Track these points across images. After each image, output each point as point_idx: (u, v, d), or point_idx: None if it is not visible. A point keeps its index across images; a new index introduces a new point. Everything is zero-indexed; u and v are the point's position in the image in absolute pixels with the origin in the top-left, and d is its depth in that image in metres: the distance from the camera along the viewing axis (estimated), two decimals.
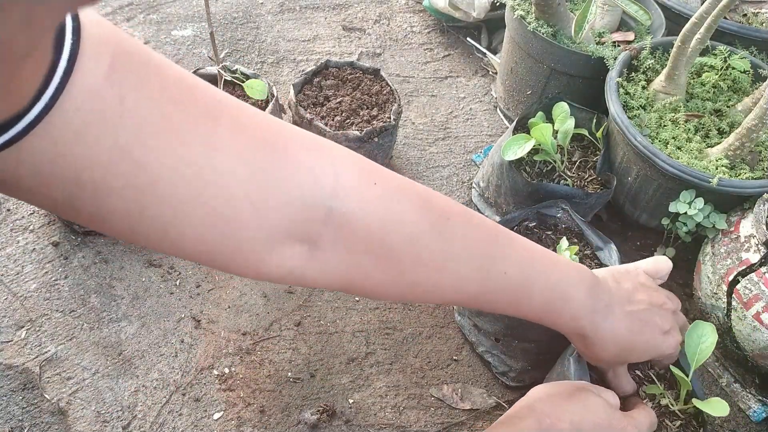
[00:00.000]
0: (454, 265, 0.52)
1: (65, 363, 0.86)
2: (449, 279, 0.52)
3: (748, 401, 0.93)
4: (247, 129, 0.39)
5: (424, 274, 0.50)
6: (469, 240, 0.53)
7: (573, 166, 1.06)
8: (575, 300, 0.59)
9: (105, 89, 0.32)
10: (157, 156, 0.34)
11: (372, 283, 0.48)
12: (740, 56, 1.09)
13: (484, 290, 0.54)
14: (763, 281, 0.82)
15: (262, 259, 0.42)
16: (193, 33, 1.45)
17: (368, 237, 0.45)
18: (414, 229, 0.48)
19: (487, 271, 0.54)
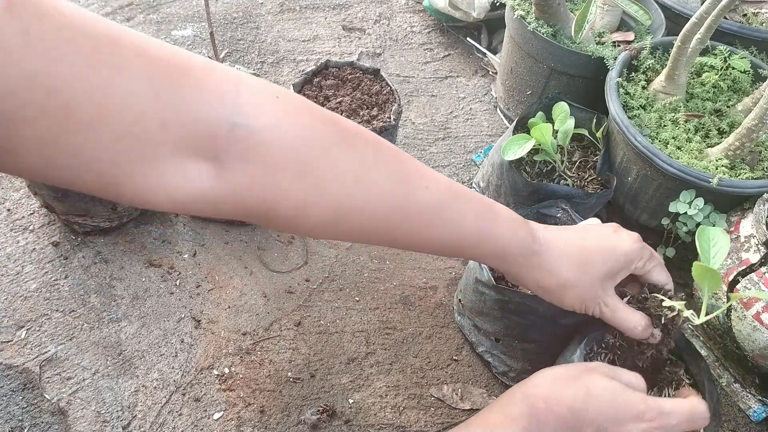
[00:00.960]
0: (373, 176, 0.50)
1: (65, 363, 0.86)
2: (371, 194, 0.50)
3: (748, 401, 0.93)
4: (151, 53, 0.40)
5: (343, 189, 0.48)
6: (382, 154, 0.53)
7: (573, 166, 1.06)
8: (507, 215, 0.60)
9: (6, 23, 0.33)
10: (66, 81, 0.35)
11: (292, 204, 0.47)
12: (740, 56, 1.09)
13: (410, 207, 0.52)
14: (763, 281, 0.82)
15: (167, 175, 0.42)
16: (193, 33, 1.45)
17: (277, 152, 0.45)
18: (324, 141, 0.47)
19: (409, 183, 0.54)
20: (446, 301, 1.01)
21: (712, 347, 0.97)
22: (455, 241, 0.57)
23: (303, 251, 1.04)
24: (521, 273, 0.61)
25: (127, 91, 0.38)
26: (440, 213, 0.56)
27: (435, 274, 1.05)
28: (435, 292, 1.02)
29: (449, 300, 1.01)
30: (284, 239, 1.06)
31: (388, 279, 1.03)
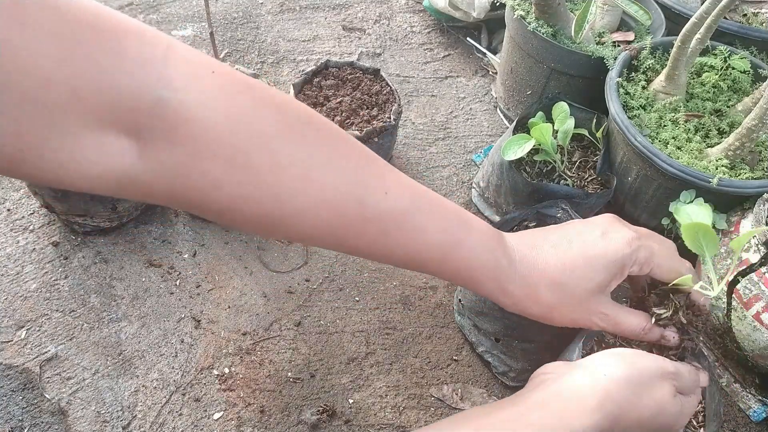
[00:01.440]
0: (321, 175, 0.43)
1: (65, 363, 0.86)
2: (318, 195, 0.43)
3: (748, 401, 0.93)
4: (62, 8, 0.35)
5: (286, 183, 0.42)
6: (338, 150, 0.45)
7: (573, 166, 1.07)
8: (479, 229, 0.53)
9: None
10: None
11: (225, 197, 0.41)
12: (740, 56, 1.09)
13: (365, 214, 0.46)
14: (763, 281, 0.82)
15: (81, 150, 0.36)
16: (193, 33, 1.45)
17: (207, 134, 0.39)
18: (266, 128, 0.41)
19: (366, 186, 0.46)
20: (446, 301, 1.01)
21: (712, 347, 0.97)
22: (415, 255, 0.51)
23: (303, 251, 1.04)
24: (495, 298, 0.56)
25: (29, 50, 0.32)
26: (399, 223, 0.49)
27: None
28: (435, 292, 1.02)
29: (449, 300, 1.01)
30: (284, 239, 1.06)
31: (388, 279, 1.03)
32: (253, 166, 0.40)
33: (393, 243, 0.49)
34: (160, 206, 1.06)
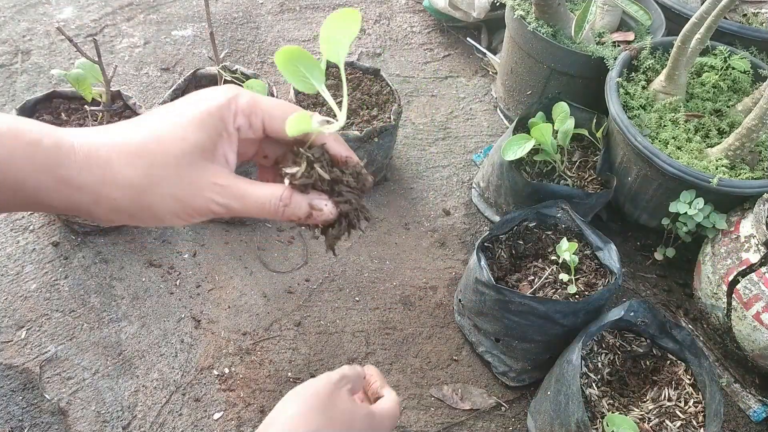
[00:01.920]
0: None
1: (65, 363, 0.86)
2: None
3: (748, 401, 0.93)
4: None
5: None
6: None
7: (573, 166, 1.06)
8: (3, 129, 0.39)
9: None
10: None
11: None
12: (740, 56, 1.09)
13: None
14: (763, 281, 0.82)
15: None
16: (193, 33, 1.45)
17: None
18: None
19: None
20: (446, 301, 1.01)
21: (712, 347, 0.97)
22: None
23: (303, 251, 1.04)
24: (59, 198, 0.41)
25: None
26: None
27: (435, 274, 1.05)
28: (435, 292, 1.02)
29: (449, 300, 1.01)
30: (284, 239, 1.06)
31: (388, 279, 1.03)
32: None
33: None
34: None
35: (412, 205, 1.15)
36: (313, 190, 0.44)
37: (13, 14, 1.42)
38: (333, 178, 0.45)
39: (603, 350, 0.80)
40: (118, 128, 0.42)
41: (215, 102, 0.42)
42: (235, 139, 0.44)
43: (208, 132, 0.42)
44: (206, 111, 0.42)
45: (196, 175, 0.42)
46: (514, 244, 0.94)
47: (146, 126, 0.42)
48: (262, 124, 0.44)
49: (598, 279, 0.89)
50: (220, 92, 0.43)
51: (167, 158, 0.41)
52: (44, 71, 1.29)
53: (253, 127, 0.44)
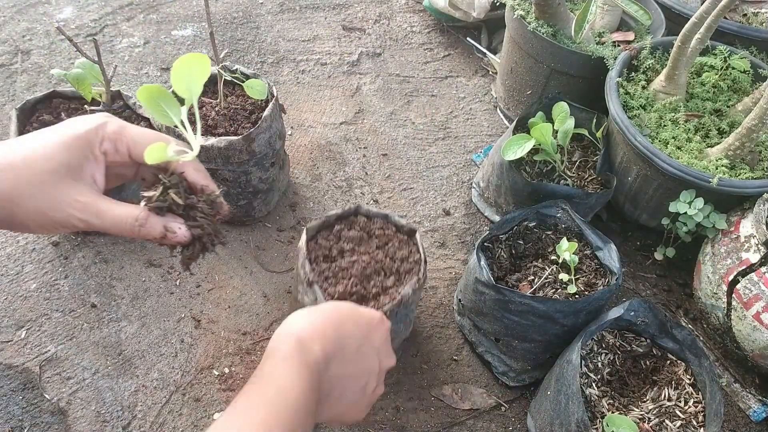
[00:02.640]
0: None
1: (65, 363, 0.86)
2: None
3: (748, 401, 0.93)
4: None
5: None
6: None
7: (573, 166, 1.06)
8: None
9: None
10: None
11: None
12: (740, 56, 1.09)
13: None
14: (763, 281, 0.82)
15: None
16: (193, 33, 1.45)
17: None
18: None
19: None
20: (446, 301, 1.01)
21: (712, 347, 0.98)
22: None
23: None
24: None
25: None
26: None
27: (435, 274, 1.05)
28: (435, 292, 1.02)
29: (449, 300, 1.01)
30: (284, 239, 1.06)
31: None
32: None
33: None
34: None
35: (412, 205, 1.15)
36: (170, 213, 0.48)
37: (13, 14, 1.42)
38: (187, 204, 0.49)
39: (603, 350, 0.80)
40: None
41: (84, 127, 0.47)
42: (102, 162, 0.48)
43: (74, 153, 0.46)
44: (74, 135, 0.46)
45: (60, 192, 0.46)
46: (514, 244, 0.94)
47: (18, 144, 0.46)
48: (127, 150, 0.48)
49: (598, 279, 0.89)
50: (90, 119, 0.48)
51: (33, 175, 0.45)
52: (44, 71, 1.29)
53: (119, 152, 0.48)
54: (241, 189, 0.99)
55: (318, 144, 1.23)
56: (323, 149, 1.23)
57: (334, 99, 1.34)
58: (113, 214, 0.47)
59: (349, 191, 1.16)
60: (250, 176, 0.98)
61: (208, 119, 0.96)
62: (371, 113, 1.32)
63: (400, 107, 1.35)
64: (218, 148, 0.90)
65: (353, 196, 1.15)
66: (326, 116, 1.30)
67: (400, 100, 1.36)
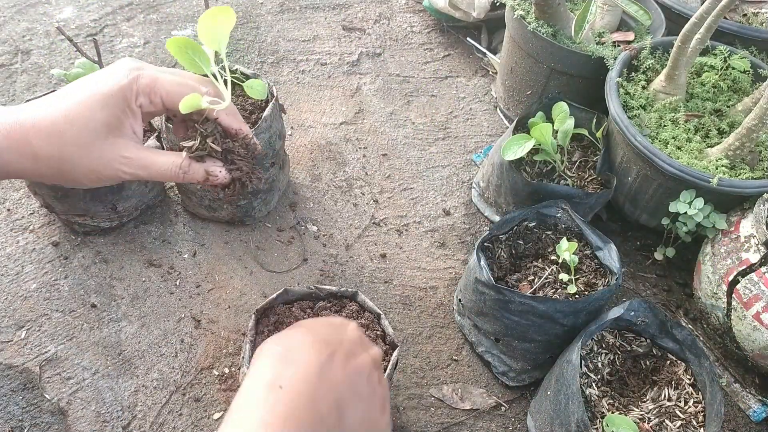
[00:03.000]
0: None
1: (65, 363, 0.86)
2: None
3: (748, 401, 0.93)
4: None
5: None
6: None
7: (573, 166, 1.07)
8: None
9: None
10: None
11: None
12: (740, 56, 1.09)
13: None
14: (763, 281, 0.82)
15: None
16: (193, 33, 1.45)
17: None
18: None
19: None
20: (446, 301, 1.01)
21: (712, 347, 0.98)
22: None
23: (302, 251, 1.04)
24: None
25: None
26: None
27: (435, 274, 1.05)
28: (435, 292, 1.02)
29: (449, 300, 1.01)
30: (284, 239, 1.06)
31: (388, 279, 1.03)
32: None
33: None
34: (160, 206, 1.06)
35: (412, 205, 1.15)
36: (210, 158, 0.52)
37: (13, 14, 1.42)
38: (225, 148, 0.52)
39: (603, 350, 0.80)
40: (34, 106, 0.48)
41: (117, 83, 0.48)
42: (139, 115, 0.50)
43: (112, 110, 0.48)
44: (109, 92, 0.48)
45: (105, 149, 0.48)
46: (514, 244, 0.94)
47: (58, 104, 0.48)
48: (161, 101, 0.50)
49: (598, 279, 0.89)
50: (120, 72, 0.49)
51: (78, 137, 0.47)
52: (44, 71, 1.29)
53: (153, 103, 0.50)
54: None
55: (318, 144, 1.23)
56: (323, 149, 1.23)
57: (334, 99, 1.34)
58: (158, 164, 0.50)
59: (349, 191, 1.16)
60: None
61: None
62: (371, 113, 1.32)
63: (400, 107, 1.35)
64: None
65: (353, 196, 1.15)
66: (326, 116, 1.30)
67: (400, 100, 1.36)
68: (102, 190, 0.92)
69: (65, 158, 0.48)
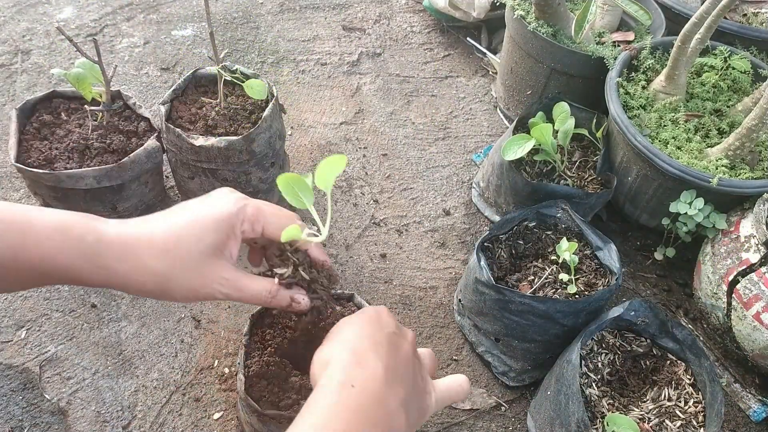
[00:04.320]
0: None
1: (65, 363, 0.86)
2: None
3: (748, 401, 0.93)
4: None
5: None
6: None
7: (573, 166, 1.06)
8: (42, 218, 0.51)
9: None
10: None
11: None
12: (740, 56, 1.09)
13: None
14: (763, 281, 0.82)
15: None
16: (193, 33, 1.45)
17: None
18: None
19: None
20: (446, 301, 1.01)
21: (712, 347, 0.98)
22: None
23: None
24: (98, 279, 0.52)
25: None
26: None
27: (435, 274, 1.05)
28: (435, 292, 1.02)
29: (449, 300, 1.01)
30: None
31: (388, 279, 1.03)
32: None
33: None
34: (160, 206, 1.06)
35: (412, 205, 1.15)
36: (296, 285, 0.56)
37: (13, 14, 1.42)
38: (311, 278, 0.57)
39: (603, 350, 0.80)
40: (147, 223, 0.53)
41: (228, 210, 0.54)
42: (239, 240, 0.55)
43: (220, 235, 0.53)
44: (220, 217, 0.53)
45: (208, 269, 0.53)
46: (514, 244, 0.94)
47: (169, 223, 0.53)
48: (262, 229, 0.56)
49: (598, 279, 0.89)
50: (231, 202, 0.55)
51: (187, 256, 0.52)
52: (44, 71, 1.29)
53: (254, 230, 0.56)
54: (241, 189, 0.98)
55: (318, 144, 1.23)
56: (323, 149, 1.23)
57: (334, 99, 1.34)
58: (251, 288, 0.55)
59: (349, 191, 1.16)
60: (250, 176, 0.98)
61: (208, 119, 0.96)
62: (371, 113, 1.32)
63: (400, 107, 1.35)
64: (218, 148, 0.90)
65: (353, 196, 1.15)
66: (326, 116, 1.30)
67: (400, 100, 1.36)
68: (102, 190, 0.92)
69: (172, 275, 0.52)
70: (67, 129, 0.96)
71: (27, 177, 0.90)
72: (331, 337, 0.52)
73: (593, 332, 0.79)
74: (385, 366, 0.48)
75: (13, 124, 0.93)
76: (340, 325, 0.54)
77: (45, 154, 0.92)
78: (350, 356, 0.48)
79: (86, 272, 0.50)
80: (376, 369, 0.48)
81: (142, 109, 1.00)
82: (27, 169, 0.88)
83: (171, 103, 0.97)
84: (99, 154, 0.94)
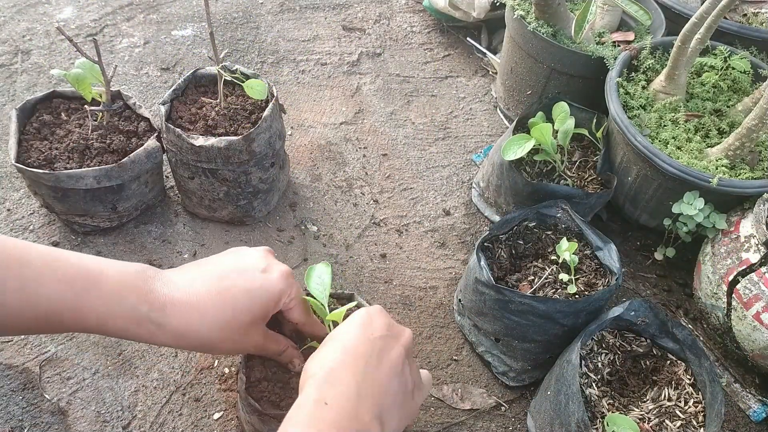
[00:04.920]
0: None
1: (65, 363, 0.86)
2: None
3: (748, 401, 0.93)
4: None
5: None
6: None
7: (573, 166, 1.07)
8: (110, 283, 0.54)
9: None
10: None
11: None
12: (740, 56, 1.09)
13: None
14: (763, 281, 0.82)
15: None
16: (193, 33, 1.45)
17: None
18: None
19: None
20: (446, 301, 1.01)
21: (712, 347, 0.98)
22: (34, 313, 0.51)
23: (302, 251, 1.04)
24: (146, 339, 0.57)
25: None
26: (4, 280, 0.50)
27: (435, 274, 1.05)
28: (435, 292, 1.02)
29: (449, 300, 1.01)
30: (284, 239, 1.06)
31: (388, 279, 1.03)
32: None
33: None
34: (160, 206, 1.06)
35: (412, 205, 1.15)
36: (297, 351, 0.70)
37: (13, 14, 1.42)
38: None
39: (603, 350, 0.80)
40: (200, 290, 0.59)
41: (278, 289, 0.61)
42: (278, 308, 0.64)
43: (266, 309, 0.61)
44: (272, 293, 0.61)
45: (250, 336, 0.61)
46: (514, 244, 0.94)
47: (226, 296, 0.59)
48: (291, 311, 0.65)
49: (598, 279, 0.89)
50: (283, 278, 0.63)
51: (237, 328, 0.59)
52: (44, 71, 1.29)
53: (290, 305, 0.64)
54: (241, 189, 0.99)
55: (318, 144, 1.24)
56: (323, 149, 1.23)
57: (334, 99, 1.34)
58: (272, 348, 0.65)
59: (349, 191, 1.16)
60: (250, 176, 0.98)
61: (208, 119, 0.96)
62: (371, 113, 1.32)
63: (400, 107, 1.35)
64: (218, 148, 0.90)
65: (353, 196, 1.15)
66: (326, 116, 1.30)
67: (400, 100, 1.36)
68: (102, 190, 0.92)
69: (218, 341, 0.59)
70: (67, 129, 0.96)
71: (27, 177, 0.90)
72: (321, 348, 0.57)
73: (593, 332, 0.79)
74: (358, 382, 0.52)
75: (13, 124, 0.93)
76: (332, 335, 0.58)
77: (45, 154, 0.92)
78: (325, 374, 0.52)
79: (131, 334, 0.56)
80: (348, 386, 0.51)
81: (142, 109, 1.00)
82: (27, 169, 0.88)
83: (171, 103, 0.97)
84: (99, 154, 0.94)
